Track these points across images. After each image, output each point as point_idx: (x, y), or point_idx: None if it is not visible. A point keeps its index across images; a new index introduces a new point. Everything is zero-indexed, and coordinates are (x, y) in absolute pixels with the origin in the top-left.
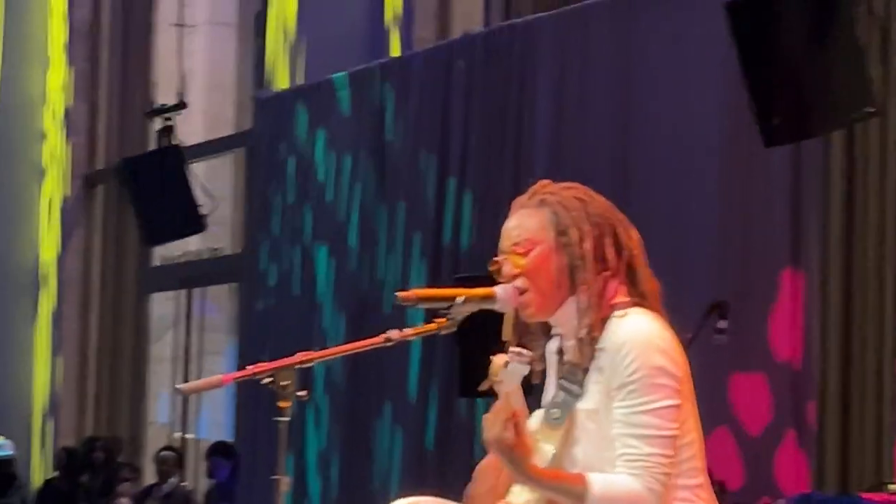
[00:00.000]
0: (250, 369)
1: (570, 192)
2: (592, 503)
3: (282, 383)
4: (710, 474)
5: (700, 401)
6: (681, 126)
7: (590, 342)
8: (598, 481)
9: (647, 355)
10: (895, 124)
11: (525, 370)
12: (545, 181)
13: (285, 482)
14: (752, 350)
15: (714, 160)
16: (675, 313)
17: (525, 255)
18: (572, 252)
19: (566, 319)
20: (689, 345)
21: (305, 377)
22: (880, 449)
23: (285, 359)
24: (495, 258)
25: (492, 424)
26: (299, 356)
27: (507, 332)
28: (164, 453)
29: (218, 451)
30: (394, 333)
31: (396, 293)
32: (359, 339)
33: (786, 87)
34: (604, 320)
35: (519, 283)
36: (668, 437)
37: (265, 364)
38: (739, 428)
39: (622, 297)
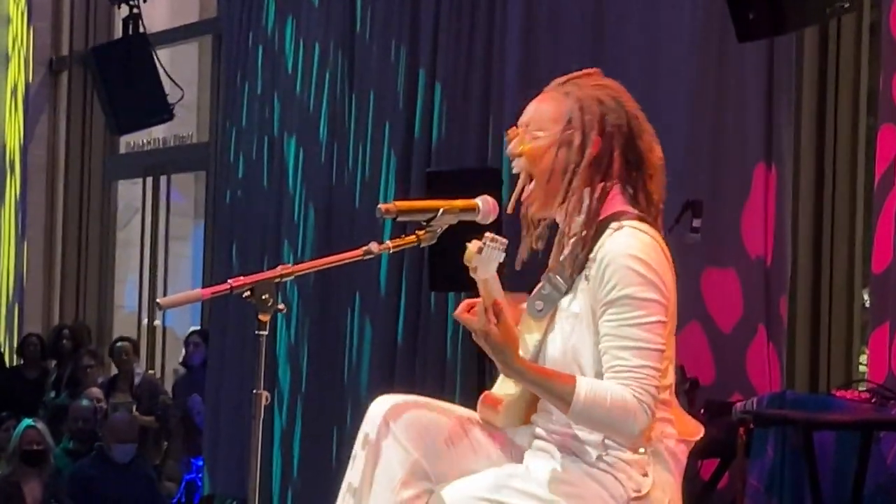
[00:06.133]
0: (230, 283)
1: (599, 91)
2: (578, 405)
3: (261, 297)
4: (683, 371)
5: None
6: (654, 20)
7: (582, 249)
8: (586, 384)
9: (637, 270)
10: (868, 16)
11: (501, 256)
12: (593, 70)
13: (265, 396)
14: (724, 245)
15: (687, 56)
16: None
17: (528, 140)
18: (572, 153)
19: (563, 219)
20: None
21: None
22: (850, 343)
23: (265, 272)
24: (511, 129)
25: (472, 316)
26: (279, 269)
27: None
28: (120, 344)
29: (197, 337)
30: (374, 246)
31: (378, 206)
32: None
33: None
34: (599, 230)
35: (517, 163)
36: (657, 350)
37: (244, 278)
38: (711, 323)
39: (622, 208)
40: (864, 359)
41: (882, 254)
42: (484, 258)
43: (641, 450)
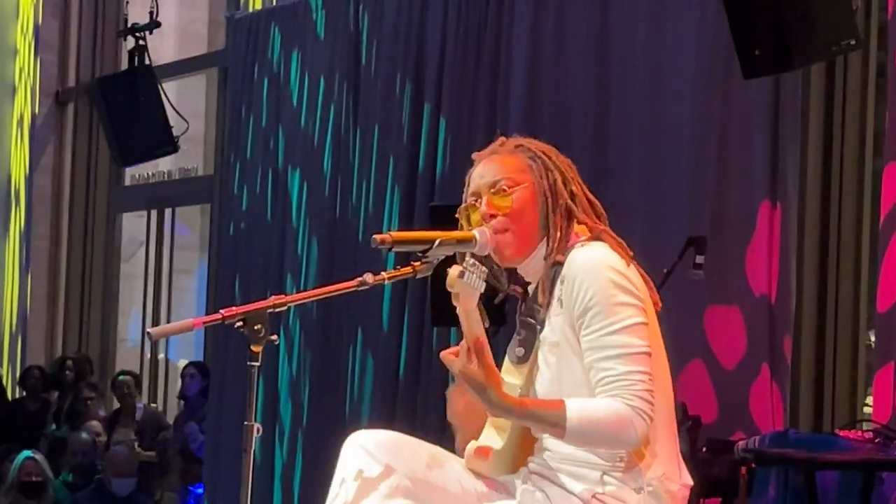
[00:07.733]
0: (221, 313)
1: (527, 143)
2: (571, 428)
3: (254, 327)
4: (685, 409)
5: (675, 334)
6: (659, 57)
7: (551, 277)
8: (576, 405)
9: (604, 277)
10: (875, 56)
11: (481, 286)
12: (503, 138)
13: (256, 428)
14: (728, 282)
15: (692, 92)
16: (652, 248)
17: (508, 194)
18: (552, 197)
19: (535, 265)
20: (665, 279)
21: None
22: (854, 383)
23: (257, 302)
24: (468, 204)
25: (454, 358)
26: (272, 300)
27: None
28: (121, 378)
29: (193, 368)
30: (369, 277)
31: (373, 235)
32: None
33: (767, 18)
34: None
35: (496, 223)
36: (643, 353)
37: (236, 308)
38: (714, 361)
39: (587, 237)
40: (868, 399)
41: (887, 293)
42: (466, 283)
43: (648, 487)
